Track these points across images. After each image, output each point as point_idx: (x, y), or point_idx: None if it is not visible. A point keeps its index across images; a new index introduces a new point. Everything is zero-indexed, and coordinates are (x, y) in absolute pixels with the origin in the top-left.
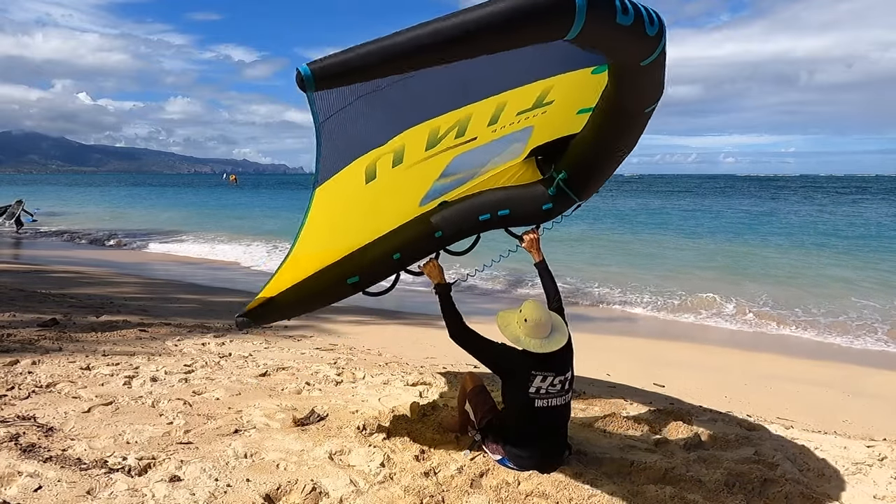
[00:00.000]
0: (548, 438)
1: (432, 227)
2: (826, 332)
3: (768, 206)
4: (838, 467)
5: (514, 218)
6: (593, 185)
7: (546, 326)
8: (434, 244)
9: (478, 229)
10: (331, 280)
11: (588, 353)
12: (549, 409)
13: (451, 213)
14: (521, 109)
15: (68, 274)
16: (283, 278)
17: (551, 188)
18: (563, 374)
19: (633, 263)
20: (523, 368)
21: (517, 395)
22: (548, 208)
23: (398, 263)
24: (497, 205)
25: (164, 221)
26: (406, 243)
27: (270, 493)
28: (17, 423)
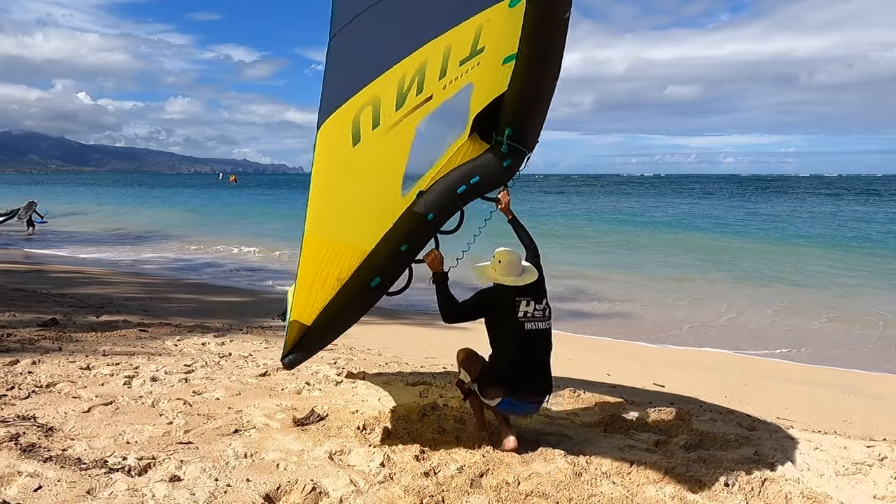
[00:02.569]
0: (539, 361)
1: (422, 214)
2: (827, 331)
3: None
4: (838, 467)
5: (485, 182)
6: (535, 128)
7: (517, 266)
8: (430, 227)
9: (459, 203)
10: (355, 291)
11: (588, 353)
12: (537, 333)
13: (432, 197)
14: (462, 58)
15: (68, 274)
16: (305, 291)
17: (503, 146)
18: (540, 302)
19: (636, 263)
20: (508, 298)
21: (508, 324)
22: (508, 164)
23: (407, 254)
24: (467, 175)
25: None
26: (407, 234)
27: (270, 493)
28: (17, 423)
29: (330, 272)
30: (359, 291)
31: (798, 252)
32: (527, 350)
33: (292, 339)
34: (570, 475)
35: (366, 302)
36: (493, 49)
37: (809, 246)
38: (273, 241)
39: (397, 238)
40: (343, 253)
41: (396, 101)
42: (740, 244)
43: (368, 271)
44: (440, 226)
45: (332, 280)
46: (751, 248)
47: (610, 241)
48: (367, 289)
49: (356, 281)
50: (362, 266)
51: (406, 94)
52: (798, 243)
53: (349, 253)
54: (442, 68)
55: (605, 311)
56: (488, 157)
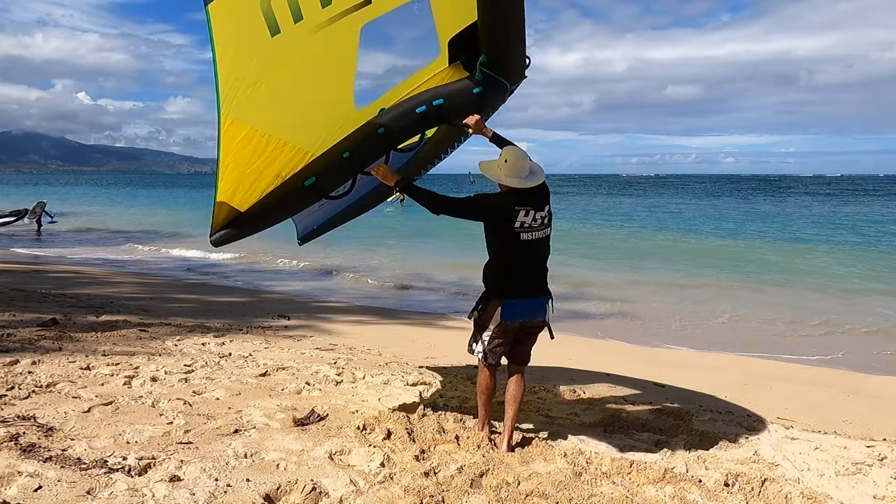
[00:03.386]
0: (534, 269)
1: (374, 126)
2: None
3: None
4: (838, 467)
5: (450, 107)
6: (513, 61)
7: (525, 167)
8: (378, 140)
9: (418, 124)
10: (290, 188)
11: (588, 353)
12: (533, 242)
13: (390, 113)
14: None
15: (68, 274)
16: (235, 176)
17: (476, 73)
18: (541, 210)
19: (636, 263)
20: (507, 205)
21: (504, 232)
22: (478, 91)
23: (348, 162)
24: (432, 97)
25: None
26: (353, 143)
27: (270, 493)
28: (17, 423)
29: (268, 166)
30: (294, 189)
31: (800, 253)
32: (521, 259)
33: (222, 220)
34: (570, 475)
35: (299, 201)
36: None
37: (813, 247)
38: (274, 240)
39: (342, 146)
40: (283, 150)
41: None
42: (742, 245)
43: (305, 172)
44: (391, 142)
45: (270, 175)
46: (752, 248)
47: (610, 240)
48: (301, 187)
49: (292, 181)
50: (302, 170)
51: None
52: (802, 244)
53: (291, 151)
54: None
55: (606, 311)
56: (461, 83)
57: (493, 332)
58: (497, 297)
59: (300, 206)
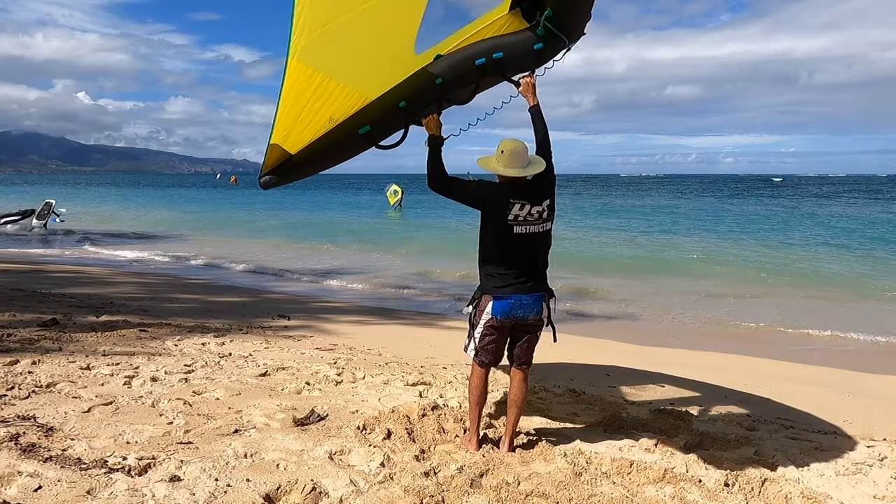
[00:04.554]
0: (527, 264)
1: (432, 76)
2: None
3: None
4: (838, 467)
5: (509, 61)
6: (579, 19)
7: (522, 156)
8: (436, 91)
9: (475, 75)
10: (344, 133)
11: (589, 353)
12: (527, 236)
13: (447, 62)
14: None
15: (68, 274)
16: (291, 117)
17: (539, 28)
18: (539, 205)
19: (637, 263)
20: (502, 196)
21: (497, 223)
22: (539, 48)
23: (404, 111)
24: (491, 49)
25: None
26: (409, 93)
27: (270, 493)
28: (17, 423)
29: (323, 109)
30: (347, 135)
31: (804, 254)
32: (512, 253)
33: (272, 162)
34: (570, 475)
35: (351, 147)
36: None
37: (818, 248)
38: (273, 241)
39: (399, 93)
40: (340, 93)
41: None
42: (743, 245)
43: (361, 119)
44: (447, 93)
45: (323, 118)
46: (753, 249)
47: (610, 241)
48: (356, 135)
49: (348, 125)
50: (359, 112)
51: None
52: (803, 244)
53: (347, 95)
54: None
55: (606, 311)
56: (521, 35)
57: (485, 329)
58: (488, 292)
59: (351, 153)
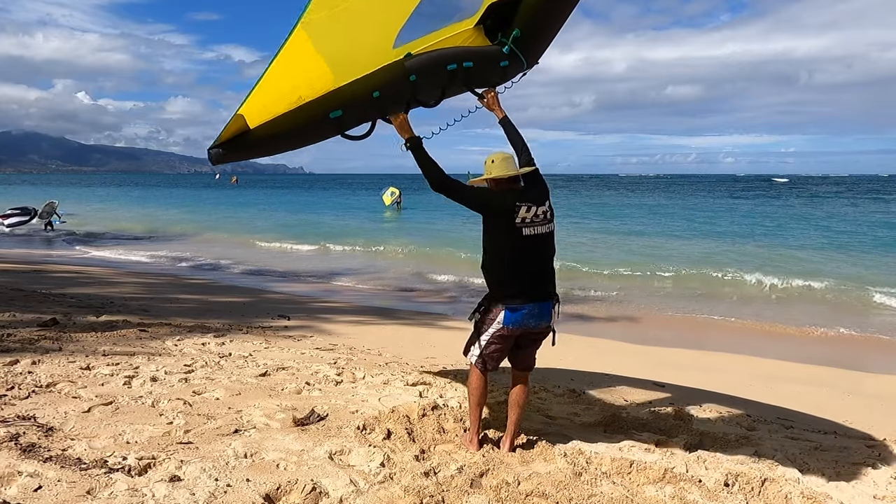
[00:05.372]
0: (539, 269)
1: (406, 71)
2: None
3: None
4: (838, 467)
5: (477, 73)
6: (542, 44)
7: (511, 161)
8: (409, 88)
9: (445, 80)
10: (312, 115)
11: (589, 353)
12: (536, 238)
13: (421, 60)
14: None
15: (68, 274)
16: (267, 88)
17: (506, 46)
18: (542, 205)
19: (637, 263)
20: (508, 202)
21: (506, 228)
22: (505, 65)
23: (377, 102)
24: (462, 56)
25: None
26: (384, 84)
27: (270, 492)
28: (17, 423)
29: (296, 85)
30: (315, 118)
31: (800, 253)
32: (524, 256)
33: (229, 133)
34: (570, 475)
35: (318, 131)
36: None
37: (819, 249)
38: (274, 240)
39: (374, 83)
40: (318, 74)
41: None
42: (744, 245)
43: (332, 102)
44: (418, 92)
45: (292, 96)
46: (754, 249)
47: (610, 240)
48: (325, 119)
49: (316, 107)
50: (328, 95)
51: None
52: (803, 245)
53: (323, 77)
54: None
55: (606, 311)
56: (489, 50)
57: (492, 338)
58: (500, 301)
59: (315, 137)
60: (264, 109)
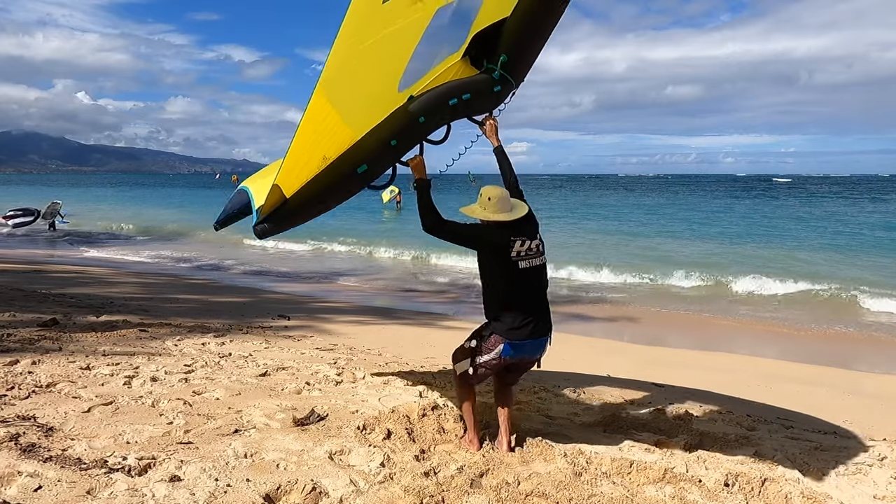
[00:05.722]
0: (537, 303)
1: (414, 115)
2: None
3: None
4: (838, 467)
5: (475, 101)
6: (529, 61)
7: (507, 201)
8: (420, 129)
9: (448, 115)
10: (340, 172)
11: (588, 353)
12: (532, 269)
13: (424, 101)
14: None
15: (68, 274)
16: (297, 152)
17: (495, 72)
18: (534, 238)
19: (637, 263)
20: (503, 237)
21: (502, 263)
22: (498, 90)
23: (395, 150)
24: (460, 90)
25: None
26: (398, 131)
27: (270, 492)
28: (17, 423)
29: (320, 145)
30: (343, 175)
31: (805, 255)
32: (521, 288)
33: (269, 207)
34: (570, 475)
35: (349, 187)
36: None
37: (819, 249)
38: (274, 240)
39: (389, 131)
40: (338, 130)
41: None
42: (744, 245)
43: (357, 157)
44: (429, 131)
45: (318, 156)
46: (754, 249)
47: (610, 241)
48: (353, 174)
49: (342, 164)
50: (351, 150)
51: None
52: (811, 246)
53: (342, 132)
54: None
55: (606, 311)
56: (480, 79)
57: (487, 364)
58: (500, 334)
59: (347, 193)
60: (296, 176)
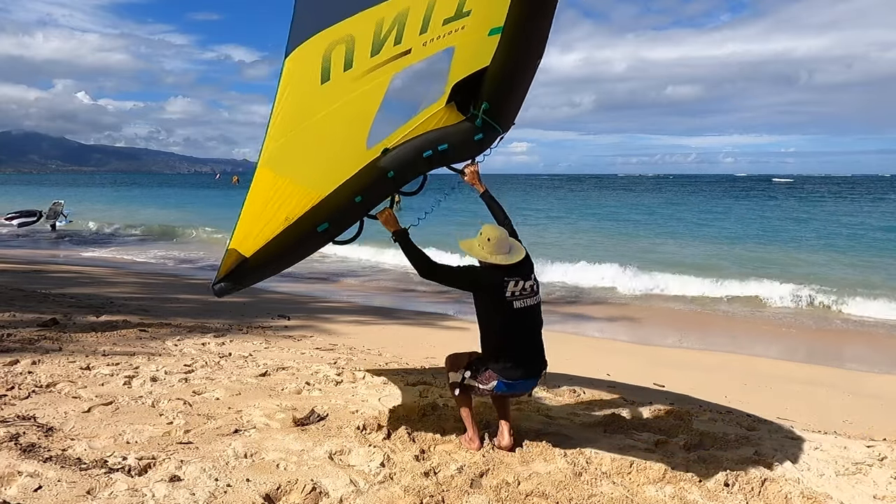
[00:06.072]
0: (529, 339)
1: (383, 170)
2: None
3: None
4: (838, 467)
5: (453, 151)
6: (512, 108)
7: (505, 242)
8: (389, 185)
9: (423, 167)
10: (302, 231)
11: (588, 353)
12: (526, 309)
13: (396, 155)
14: (446, 17)
15: (68, 274)
16: (249, 221)
17: (478, 120)
18: (529, 279)
19: (636, 264)
20: (497, 278)
21: (497, 303)
22: (479, 139)
23: (360, 206)
24: (436, 141)
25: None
26: (364, 187)
27: (270, 493)
28: (17, 423)
29: (279, 209)
30: (305, 234)
31: (805, 256)
32: (516, 328)
33: (227, 267)
34: (570, 475)
35: (310, 245)
36: (480, 16)
37: (822, 250)
38: None
39: (354, 188)
40: (296, 193)
41: (372, 47)
42: (743, 245)
43: (318, 216)
44: (399, 185)
45: (279, 218)
46: (754, 249)
47: (610, 241)
48: (314, 233)
49: (304, 223)
50: (313, 210)
51: (383, 42)
52: (811, 247)
53: (303, 194)
54: (424, 23)
55: (606, 311)
56: (461, 127)
57: (479, 390)
58: (495, 371)
59: (307, 251)
60: (256, 237)
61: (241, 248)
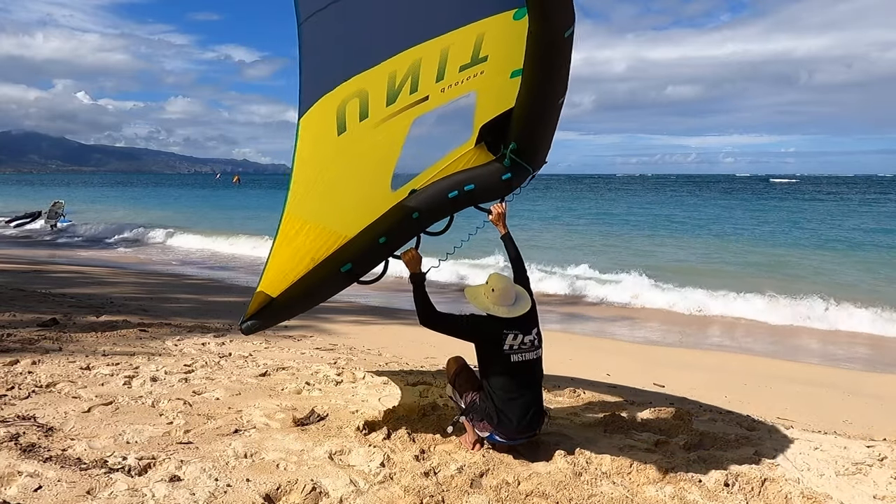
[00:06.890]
0: (528, 392)
1: (409, 210)
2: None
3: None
4: (838, 467)
5: (480, 191)
6: (541, 150)
7: (510, 294)
8: (414, 225)
9: (449, 207)
10: (326, 272)
11: (588, 353)
12: (525, 363)
13: (422, 196)
14: (462, 63)
15: (68, 274)
16: (277, 266)
17: (506, 160)
18: (529, 333)
19: (636, 263)
20: (496, 330)
21: (494, 355)
22: (507, 178)
23: (385, 247)
24: (462, 182)
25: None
26: (388, 228)
27: (270, 493)
28: (17, 423)
29: (306, 251)
30: (329, 274)
31: (805, 255)
32: (514, 381)
33: (255, 307)
34: (570, 475)
35: (334, 285)
36: (500, 60)
37: (822, 250)
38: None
39: (378, 230)
40: (322, 235)
41: (387, 97)
42: (743, 245)
43: (343, 257)
44: (424, 226)
45: (306, 259)
46: (753, 249)
47: (610, 241)
48: (338, 273)
49: (329, 264)
50: (338, 251)
51: (398, 92)
52: (812, 247)
53: (328, 236)
54: (439, 71)
55: (606, 311)
56: (489, 167)
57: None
58: (491, 424)
59: (332, 291)
60: (282, 279)
61: (267, 290)
